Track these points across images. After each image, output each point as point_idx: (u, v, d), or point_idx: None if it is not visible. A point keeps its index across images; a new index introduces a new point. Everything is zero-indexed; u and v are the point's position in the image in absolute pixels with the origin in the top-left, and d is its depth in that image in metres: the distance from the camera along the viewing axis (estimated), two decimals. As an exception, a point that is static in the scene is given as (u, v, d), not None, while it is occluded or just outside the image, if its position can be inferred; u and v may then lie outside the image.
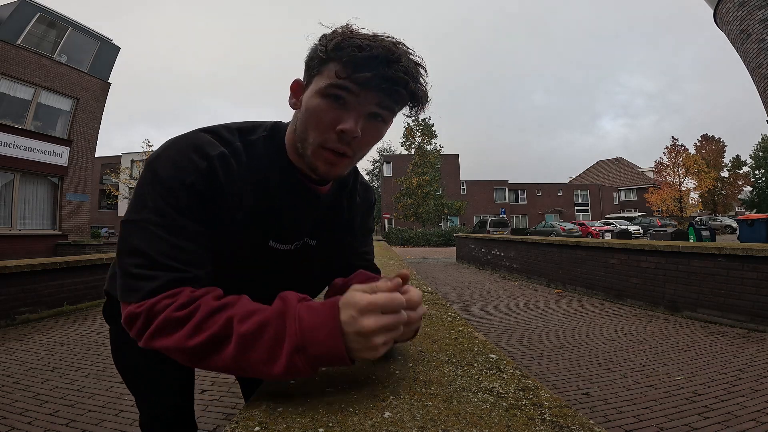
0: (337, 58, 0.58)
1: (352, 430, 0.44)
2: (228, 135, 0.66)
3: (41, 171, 11.43)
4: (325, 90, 0.60)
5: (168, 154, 0.60)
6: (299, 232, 0.74)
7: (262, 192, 0.67)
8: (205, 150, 0.61)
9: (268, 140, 0.70)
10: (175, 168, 0.58)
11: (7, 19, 10.72)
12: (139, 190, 0.60)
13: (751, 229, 10.02)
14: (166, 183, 0.58)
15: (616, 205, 45.48)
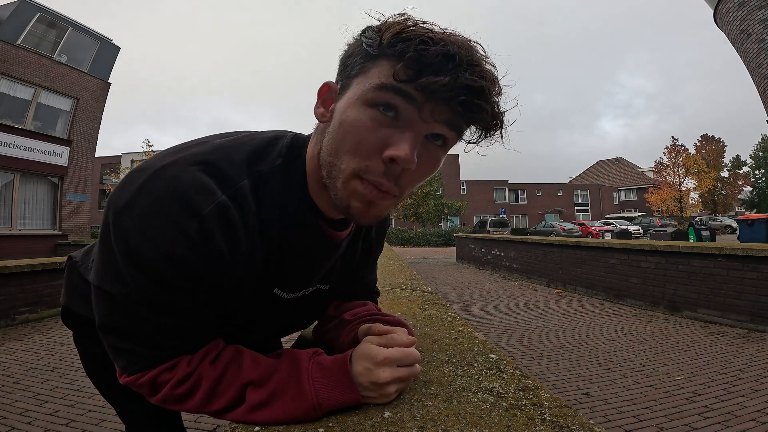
0: (396, 54, 0.42)
1: (352, 430, 0.44)
2: (230, 170, 0.47)
3: (41, 171, 11.43)
4: (372, 95, 0.44)
5: (141, 209, 0.42)
6: (309, 282, 0.62)
7: (274, 243, 0.52)
8: (193, 204, 0.43)
9: (284, 171, 0.52)
10: (154, 236, 0.42)
11: (7, 19, 10.72)
12: (106, 248, 0.45)
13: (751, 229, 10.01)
14: (143, 258, 0.42)
15: (616, 205, 45.48)
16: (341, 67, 0.50)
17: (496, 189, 39.97)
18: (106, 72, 13.48)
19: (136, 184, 0.44)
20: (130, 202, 0.43)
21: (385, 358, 0.50)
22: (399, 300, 1.38)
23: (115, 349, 0.49)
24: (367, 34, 0.45)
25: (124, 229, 0.43)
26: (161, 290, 0.44)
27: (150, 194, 0.43)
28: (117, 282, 0.45)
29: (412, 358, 0.52)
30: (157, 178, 0.44)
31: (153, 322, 0.46)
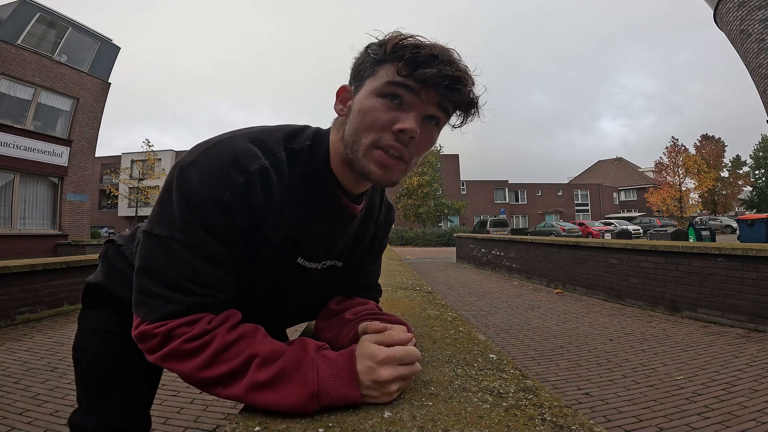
0: (396, 58, 0.57)
1: (352, 430, 0.44)
2: (272, 143, 0.60)
3: (41, 171, 11.43)
4: (382, 89, 0.58)
5: (203, 164, 0.54)
6: (329, 252, 0.70)
7: (301, 209, 0.63)
8: (244, 163, 0.55)
9: (312, 150, 0.64)
10: (210, 182, 0.53)
11: (7, 19, 10.72)
12: (166, 198, 0.55)
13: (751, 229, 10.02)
14: (198, 199, 0.53)
15: (616, 205, 45.48)
16: (354, 73, 0.63)
17: (496, 189, 39.97)
18: (106, 72, 13.48)
19: (202, 148, 0.56)
20: (195, 160, 0.55)
21: (387, 357, 0.52)
22: (399, 300, 1.38)
23: (145, 292, 0.54)
24: (371, 48, 0.60)
25: (187, 178, 0.54)
26: (204, 232, 0.53)
27: (212, 155, 0.55)
28: (168, 224, 0.54)
29: (413, 357, 0.54)
30: (219, 145, 0.56)
31: (190, 264, 0.53)
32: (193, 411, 2.19)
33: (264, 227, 0.58)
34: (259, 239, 0.59)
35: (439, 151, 29.45)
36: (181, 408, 2.23)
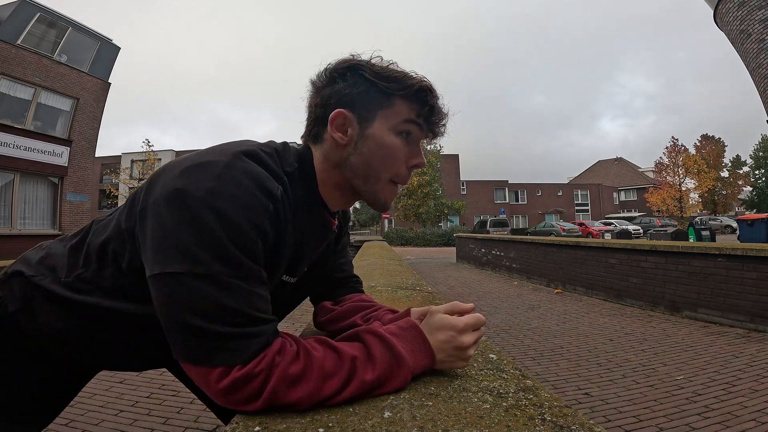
0: (415, 98, 0.63)
1: (352, 430, 0.44)
2: (275, 166, 0.58)
3: (41, 171, 11.43)
4: (400, 126, 0.64)
5: (230, 191, 0.49)
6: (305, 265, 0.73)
7: (300, 231, 0.65)
8: (269, 188, 0.53)
9: (302, 173, 0.65)
10: (246, 209, 0.50)
11: (7, 19, 10.72)
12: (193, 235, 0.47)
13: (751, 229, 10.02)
14: (240, 227, 0.49)
15: (616, 205, 45.48)
16: (351, 99, 0.63)
17: (496, 189, 39.97)
18: (106, 72, 13.47)
19: (212, 174, 0.50)
20: (216, 187, 0.49)
21: (466, 325, 0.59)
22: (399, 300, 1.38)
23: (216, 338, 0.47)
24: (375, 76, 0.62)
25: (220, 209, 0.48)
26: (249, 260, 0.50)
27: (235, 181, 0.50)
28: (216, 261, 0.47)
29: (482, 321, 0.62)
30: (234, 169, 0.52)
31: (252, 294, 0.50)
32: (193, 411, 2.19)
33: (281, 249, 0.59)
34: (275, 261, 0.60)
35: (439, 151, 29.44)
36: (181, 408, 2.23)
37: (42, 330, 0.65)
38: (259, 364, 0.47)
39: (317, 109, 0.65)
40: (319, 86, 0.65)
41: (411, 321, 0.61)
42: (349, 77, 0.63)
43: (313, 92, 0.66)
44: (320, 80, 0.66)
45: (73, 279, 0.64)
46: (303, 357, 0.50)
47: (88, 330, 0.65)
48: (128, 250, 0.59)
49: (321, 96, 0.64)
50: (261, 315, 0.50)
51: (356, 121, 0.63)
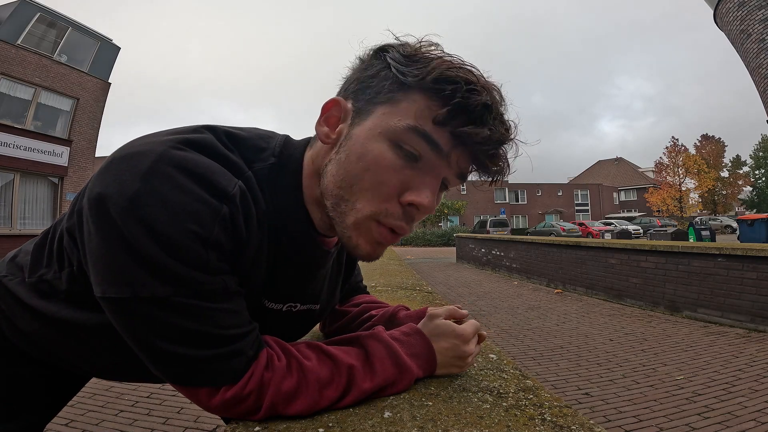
0: (437, 93, 0.41)
1: (352, 430, 0.44)
2: (233, 158, 0.44)
3: (41, 171, 11.43)
4: (401, 135, 0.42)
5: (162, 194, 0.37)
6: (295, 295, 0.56)
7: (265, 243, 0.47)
8: (219, 185, 0.39)
9: (280, 173, 0.48)
10: (184, 215, 0.37)
11: (7, 19, 10.72)
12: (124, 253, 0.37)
13: (751, 229, 10.02)
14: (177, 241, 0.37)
15: (616, 205, 45.49)
16: (357, 86, 0.46)
17: (496, 189, 39.89)
18: (106, 72, 13.48)
19: (138, 171, 0.37)
20: (142, 192, 0.36)
21: (469, 334, 0.57)
22: (399, 300, 1.38)
23: (195, 362, 0.41)
24: (395, 58, 0.43)
25: (147, 221, 0.36)
26: (210, 276, 0.39)
27: (167, 180, 0.37)
28: (158, 283, 0.37)
29: (477, 328, 0.59)
30: (167, 162, 0.38)
31: (214, 311, 0.40)
32: (193, 411, 2.19)
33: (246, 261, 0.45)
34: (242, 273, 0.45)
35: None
36: (181, 408, 2.23)
37: (19, 333, 0.58)
38: (248, 383, 0.42)
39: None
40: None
41: (414, 327, 0.57)
42: (370, 60, 0.46)
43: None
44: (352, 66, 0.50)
45: (36, 279, 0.54)
46: (295, 370, 0.45)
47: (57, 338, 0.56)
48: (75, 250, 0.48)
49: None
50: (232, 332, 0.41)
51: (352, 114, 0.46)
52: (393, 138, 0.42)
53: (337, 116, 0.47)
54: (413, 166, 0.43)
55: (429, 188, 0.44)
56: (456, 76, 0.41)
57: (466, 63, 0.43)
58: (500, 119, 0.43)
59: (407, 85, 0.42)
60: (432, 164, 0.44)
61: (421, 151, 0.43)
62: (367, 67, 0.46)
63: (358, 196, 0.44)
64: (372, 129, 0.43)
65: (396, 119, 0.42)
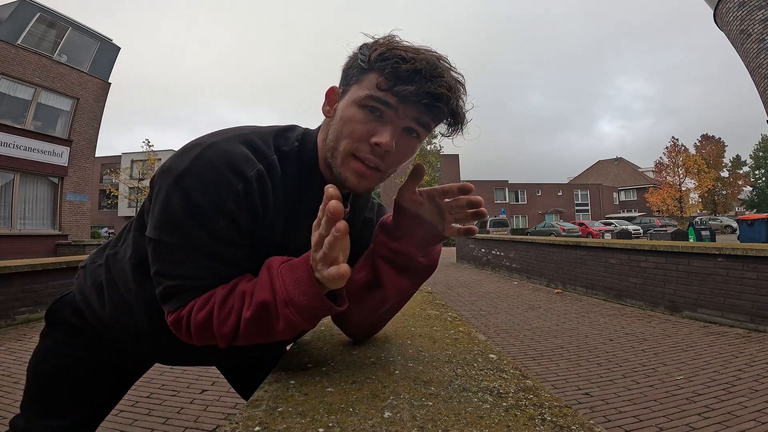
0: (379, 69, 0.57)
1: (352, 430, 0.44)
2: (263, 146, 0.62)
3: (41, 171, 11.43)
4: (363, 100, 0.59)
5: (200, 171, 0.55)
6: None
7: (295, 211, 0.65)
8: (241, 168, 0.57)
9: (301, 152, 0.66)
10: (210, 191, 0.55)
11: (7, 19, 10.72)
12: (168, 209, 0.56)
13: (751, 229, 10.02)
14: (201, 208, 0.55)
15: (616, 205, 45.46)
16: (343, 75, 0.63)
17: (496, 189, 39.97)
18: (106, 72, 13.48)
19: (193, 153, 0.57)
20: (190, 167, 0.55)
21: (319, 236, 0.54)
22: (399, 300, 1.38)
23: (168, 291, 0.58)
24: (362, 51, 0.60)
25: (186, 188, 0.55)
26: (210, 239, 0.56)
27: (207, 161, 0.56)
28: (174, 233, 0.56)
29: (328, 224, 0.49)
30: (212, 149, 0.57)
31: (201, 265, 0.57)
32: (193, 411, 2.19)
33: (263, 229, 0.61)
34: (260, 239, 0.62)
35: (439, 151, 29.42)
36: (181, 408, 2.23)
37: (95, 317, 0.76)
38: (182, 310, 0.58)
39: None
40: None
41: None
42: (352, 56, 0.63)
43: None
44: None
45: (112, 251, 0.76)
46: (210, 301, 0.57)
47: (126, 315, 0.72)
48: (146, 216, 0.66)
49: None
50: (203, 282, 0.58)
51: (340, 95, 0.63)
52: (359, 103, 0.59)
53: (334, 98, 0.64)
54: (377, 120, 0.59)
55: (388, 132, 0.58)
56: (390, 54, 0.56)
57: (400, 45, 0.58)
58: (432, 78, 0.55)
59: (365, 68, 0.59)
60: (389, 117, 0.59)
61: (380, 107, 0.58)
62: (349, 62, 0.63)
63: (341, 142, 0.61)
64: (347, 100, 0.61)
65: (361, 91, 0.59)
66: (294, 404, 0.51)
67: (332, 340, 0.82)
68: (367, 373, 0.62)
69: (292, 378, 0.60)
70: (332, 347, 0.77)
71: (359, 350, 0.74)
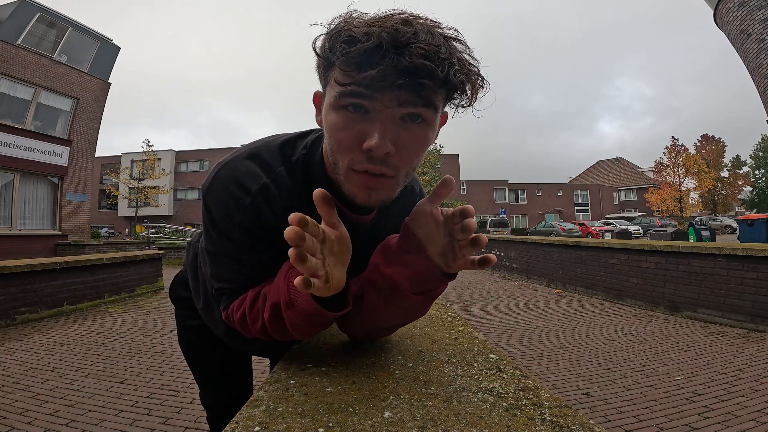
0: (336, 60, 0.48)
1: (352, 430, 0.44)
2: (270, 159, 0.63)
3: (41, 171, 11.43)
4: (337, 102, 0.50)
5: (215, 189, 0.61)
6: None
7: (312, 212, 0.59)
8: (246, 185, 0.60)
9: (308, 160, 0.64)
10: (222, 206, 0.60)
11: (7, 19, 10.72)
12: (204, 221, 0.64)
13: (751, 229, 10.02)
14: (218, 221, 0.61)
15: (616, 205, 45.46)
16: (319, 78, 0.57)
17: (496, 189, 39.98)
18: (106, 72, 13.48)
19: (213, 173, 0.62)
20: (210, 186, 0.62)
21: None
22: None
23: (217, 293, 0.67)
24: (319, 47, 0.51)
25: (208, 204, 0.61)
26: (232, 245, 0.62)
27: (220, 180, 0.61)
28: (210, 242, 0.64)
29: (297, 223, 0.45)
30: (224, 168, 0.62)
31: (232, 269, 0.64)
32: (193, 411, 2.19)
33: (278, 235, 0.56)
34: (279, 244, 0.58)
35: (439, 151, 29.43)
36: (181, 408, 2.23)
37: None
38: (227, 312, 0.66)
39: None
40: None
41: None
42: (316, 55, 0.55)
43: None
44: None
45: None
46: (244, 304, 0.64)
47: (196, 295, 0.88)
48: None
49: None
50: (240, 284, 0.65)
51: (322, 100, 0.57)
52: (336, 106, 0.51)
53: (321, 105, 0.58)
54: (362, 119, 0.50)
55: (377, 132, 0.49)
56: (334, 38, 0.47)
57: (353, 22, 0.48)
58: (400, 51, 0.45)
59: (327, 66, 0.52)
60: (375, 110, 0.49)
61: (358, 102, 0.49)
62: (317, 61, 0.55)
63: (337, 157, 0.54)
64: (326, 107, 0.54)
65: (333, 92, 0.51)
66: (294, 404, 0.51)
67: (332, 340, 0.82)
68: (367, 373, 0.62)
69: (292, 378, 0.60)
70: (332, 347, 0.77)
71: (359, 350, 0.74)
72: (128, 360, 3.01)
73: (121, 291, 5.61)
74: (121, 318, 4.45)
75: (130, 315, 4.61)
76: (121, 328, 4.01)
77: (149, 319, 4.38)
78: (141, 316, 4.57)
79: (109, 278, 5.36)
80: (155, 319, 4.42)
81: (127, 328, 3.98)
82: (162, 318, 4.44)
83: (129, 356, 3.10)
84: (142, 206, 23.31)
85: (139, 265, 6.02)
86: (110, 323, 4.20)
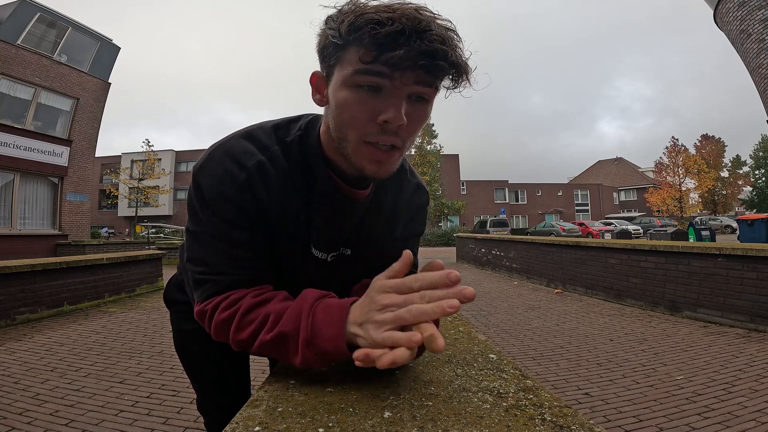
0: (356, 41, 0.52)
1: (352, 430, 0.44)
2: (265, 138, 0.64)
3: (41, 171, 11.43)
4: (352, 79, 0.54)
5: (209, 165, 0.61)
6: (336, 241, 0.71)
7: (301, 199, 0.65)
8: (242, 160, 0.60)
9: (304, 141, 0.66)
10: (216, 181, 0.59)
11: (7, 19, 10.72)
12: (191, 201, 0.63)
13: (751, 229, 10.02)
14: (209, 197, 0.60)
15: (616, 205, 45.47)
16: (320, 58, 0.59)
17: (496, 189, 39.98)
18: (106, 72, 13.48)
19: (207, 152, 0.63)
20: (203, 163, 0.62)
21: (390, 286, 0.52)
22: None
23: (196, 280, 0.63)
24: (330, 26, 0.54)
25: (199, 181, 0.61)
26: (223, 224, 0.60)
27: (215, 157, 0.61)
28: (196, 222, 0.62)
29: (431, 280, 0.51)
30: (220, 146, 0.63)
31: (219, 250, 0.61)
32: (193, 411, 2.19)
33: (272, 214, 0.63)
34: (270, 228, 0.64)
35: (439, 151, 29.44)
36: (181, 408, 2.23)
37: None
38: (208, 305, 0.61)
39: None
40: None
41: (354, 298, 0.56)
42: (321, 34, 0.58)
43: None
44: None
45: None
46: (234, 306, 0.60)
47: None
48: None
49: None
50: (224, 268, 0.61)
51: (325, 79, 0.59)
52: (348, 83, 0.54)
53: (321, 84, 0.61)
54: (376, 96, 0.54)
55: (393, 107, 0.54)
56: (361, 21, 0.50)
57: (369, 7, 0.52)
58: (420, 35, 0.50)
59: (341, 45, 0.54)
60: (388, 89, 0.54)
61: (374, 81, 0.53)
62: (321, 40, 0.58)
63: (347, 130, 0.57)
64: (336, 84, 0.56)
65: (346, 71, 0.54)
66: (294, 404, 0.51)
67: (332, 340, 0.82)
68: (367, 373, 0.62)
69: (292, 378, 0.60)
70: (332, 347, 0.77)
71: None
72: (128, 360, 3.01)
73: (121, 291, 5.61)
74: (121, 318, 4.45)
75: (130, 315, 4.61)
76: (121, 328, 4.01)
77: (149, 319, 4.38)
78: (141, 316, 4.57)
79: (109, 278, 5.37)
80: (155, 319, 4.42)
81: (127, 328, 3.98)
82: (162, 318, 4.44)
83: (129, 356, 3.10)
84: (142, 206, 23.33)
85: (139, 265, 6.03)
86: (110, 323, 4.20)
